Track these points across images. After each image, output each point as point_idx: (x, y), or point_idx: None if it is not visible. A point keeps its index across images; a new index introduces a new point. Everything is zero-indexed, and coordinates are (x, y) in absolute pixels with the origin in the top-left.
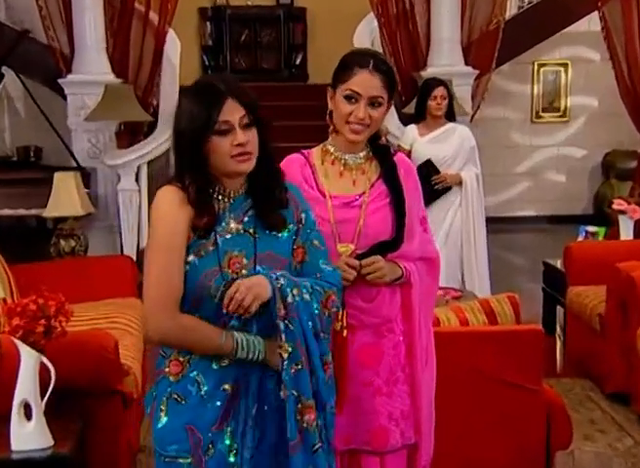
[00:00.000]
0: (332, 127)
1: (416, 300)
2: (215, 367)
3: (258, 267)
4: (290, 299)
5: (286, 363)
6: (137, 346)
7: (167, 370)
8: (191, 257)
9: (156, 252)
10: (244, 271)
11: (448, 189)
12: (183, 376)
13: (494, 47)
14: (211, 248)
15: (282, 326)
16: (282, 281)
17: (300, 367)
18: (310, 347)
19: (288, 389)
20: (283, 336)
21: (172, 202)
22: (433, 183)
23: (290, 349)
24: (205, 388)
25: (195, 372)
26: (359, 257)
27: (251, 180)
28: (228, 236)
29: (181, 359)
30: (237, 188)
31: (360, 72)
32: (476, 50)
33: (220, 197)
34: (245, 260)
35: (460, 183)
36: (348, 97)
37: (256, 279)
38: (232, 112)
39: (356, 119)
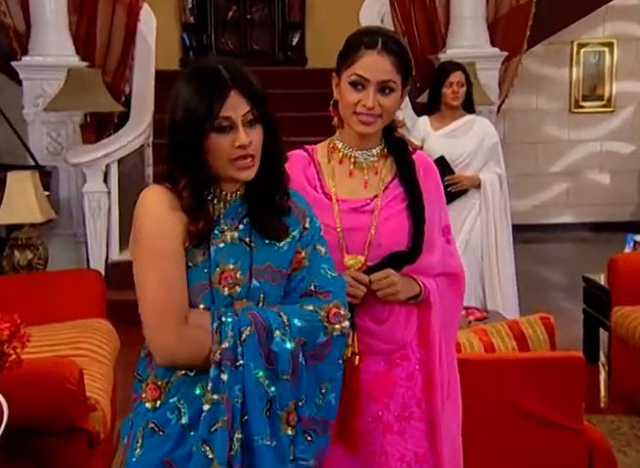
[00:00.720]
0: (336, 119)
1: (435, 323)
2: (198, 392)
3: (254, 281)
4: (227, 344)
5: (204, 416)
6: (105, 376)
7: (143, 395)
8: None
9: (150, 259)
10: (237, 288)
11: (463, 192)
12: (162, 403)
13: (525, 24)
14: (201, 258)
15: (212, 372)
16: (232, 317)
17: (218, 425)
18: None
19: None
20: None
21: (161, 203)
22: (446, 185)
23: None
24: (186, 416)
25: (175, 398)
26: (369, 271)
27: (249, 183)
28: (222, 245)
29: (159, 383)
30: (234, 191)
31: (367, 54)
32: (504, 28)
33: (215, 200)
34: (239, 275)
35: (478, 186)
36: (354, 84)
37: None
38: (235, 107)
39: (364, 108)
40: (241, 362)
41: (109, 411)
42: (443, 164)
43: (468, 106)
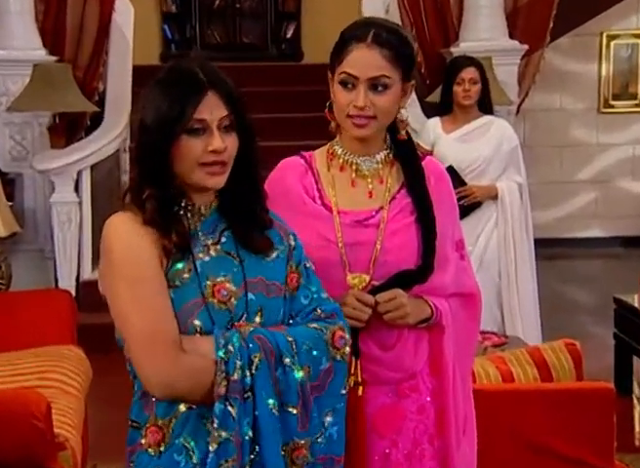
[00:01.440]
0: (333, 123)
1: (449, 349)
2: (206, 427)
3: (250, 295)
4: (236, 376)
5: (211, 457)
6: (75, 410)
7: (143, 441)
8: None
9: (126, 289)
10: (233, 300)
11: (477, 205)
12: (167, 446)
13: (548, 14)
14: (187, 275)
15: (218, 407)
16: (239, 343)
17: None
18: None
19: None
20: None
21: (130, 227)
22: (458, 198)
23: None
24: (197, 456)
25: (181, 438)
26: (375, 291)
27: (222, 195)
28: (207, 258)
29: (161, 422)
30: (207, 204)
31: (355, 48)
32: (524, 18)
33: (188, 214)
34: (233, 286)
35: (495, 197)
36: (344, 83)
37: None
38: (211, 109)
39: (356, 109)
40: (250, 393)
41: (80, 450)
42: (452, 174)
43: (485, 106)
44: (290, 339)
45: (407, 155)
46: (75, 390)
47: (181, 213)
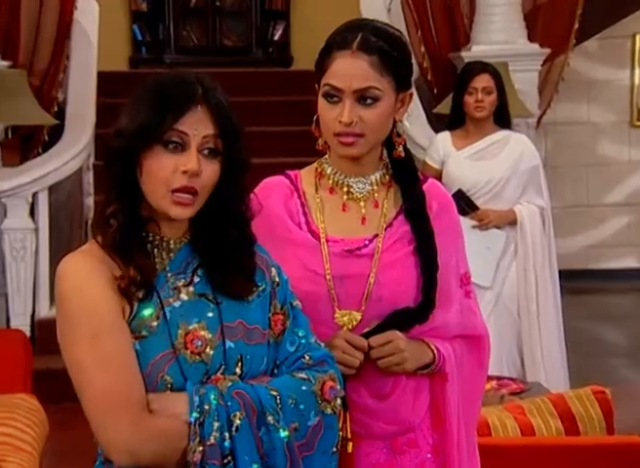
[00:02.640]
0: (321, 140)
1: (452, 399)
2: None
3: (228, 342)
4: (213, 439)
5: None
6: None
7: None
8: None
9: (83, 343)
10: (209, 350)
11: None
12: None
13: (572, 13)
14: (155, 323)
15: None
16: (217, 401)
17: None
18: None
19: None
20: None
21: (84, 277)
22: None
23: None
24: None
25: None
26: (368, 333)
27: (195, 229)
28: (178, 303)
29: None
30: (178, 236)
31: (339, 56)
32: (546, 18)
33: (155, 249)
34: (208, 334)
35: (513, 223)
36: (328, 96)
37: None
38: (197, 125)
39: (341, 126)
40: (230, 458)
41: None
42: (463, 198)
43: (501, 119)
44: (273, 393)
45: (405, 176)
46: (29, 446)
47: (148, 246)
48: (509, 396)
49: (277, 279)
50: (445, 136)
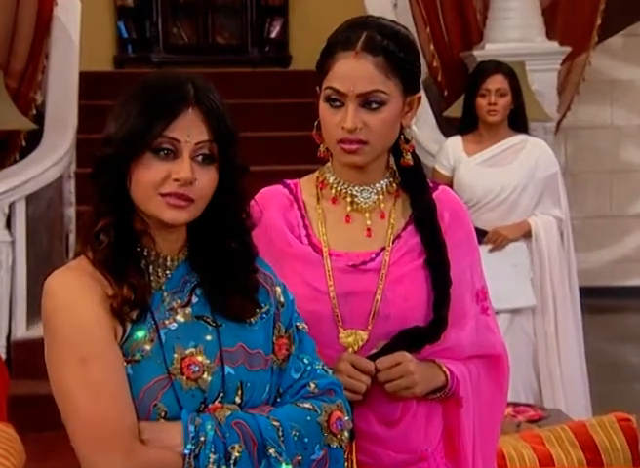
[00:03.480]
0: (322, 147)
1: (468, 426)
2: None
3: (227, 368)
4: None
5: None
6: None
7: None
8: None
9: (71, 367)
10: (207, 377)
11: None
12: None
13: (595, 8)
14: (149, 346)
15: None
16: (213, 432)
17: None
18: None
19: None
20: None
21: (72, 297)
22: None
23: None
24: None
25: None
26: (375, 355)
27: (194, 244)
28: (174, 325)
29: None
30: (175, 252)
31: (342, 57)
32: (566, 14)
33: (150, 267)
34: (206, 359)
35: (527, 235)
36: (330, 100)
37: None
38: (189, 130)
39: (344, 132)
40: None
41: None
42: None
43: (517, 123)
44: (275, 424)
45: (414, 184)
46: None
47: (142, 263)
48: (526, 424)
49: (282, 299)
50: (456, 141)
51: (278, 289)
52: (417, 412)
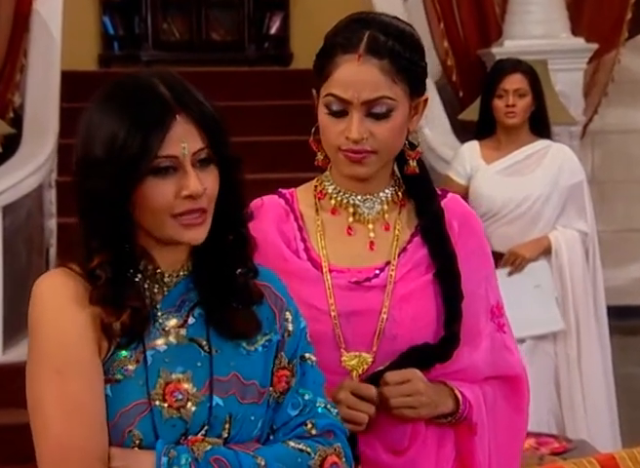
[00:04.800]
0: (320, 154)
1: (482, 454)
2: None
3: (216, 399)
4: None
5: None
6: None
7: None
8: None
9: (48, 380)
10: (190, 406)
11: None
12: None
13: (624, 3)
14: (132, 367)
15: None
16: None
17: None
18: None
19: None
20: None
21: (61, 297)
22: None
23: None
24: None
25: None
26: (381, 372)
27: (198, 256)
28: (163, 347)
29: None
30: (175, 268)
31: (344, 61)
32: (593, 8)
33: (146, 283)
34: (192, 387)
35: (548, 251)
36: (332, 108)
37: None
38: (183, 140)
39: (349, 142)
40: None
41: None
42: None
43: (539, 127)
44: (261, 464)
45: (420, 190)
46: None
47: (138, 278)
48: (550, 456)
49: (291, 327)
50: (472, 147)
51: (288, 314)
52: (426, 438)
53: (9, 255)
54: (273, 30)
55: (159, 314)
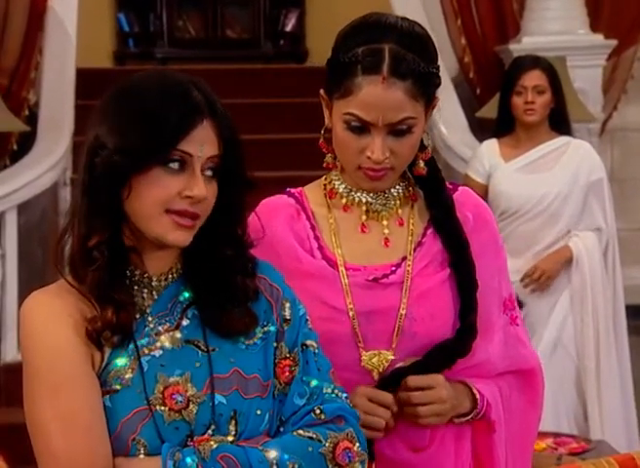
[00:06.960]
0: (329, 156)
1: (500, 450)
2: None
3: (218, 397)
4: None
5: None
6: None
7: None
8: None
9: (48, 398)
10: (192, 407)
11: None
12: None
13: None
14: (129, 375)
15: None
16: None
17: None
18: None
19: None
20: None
21: (49, 313)
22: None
23: None
24: None
25: None
26: (402, 369)
27: (189, 260)
28: (158, 352)
29: None
30: (164, 272)
31: (367, 83)
32: (612, 4)
33: (136, 286)
34: (192, 388)
35: (569, 260)
36: (352, 126)
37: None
38: (203, 144)
39: (370, 162)
40: None
41: None
42: None
43: (559, 124)
44: (270, 457)
45: (430, 184)
46: None
47: (127, 282)
48: (568, 456)
49: (288, 315)
50: (491, 145)
51: (285, 303)
52: (445, 436)
53: (24, 254)
54: (289, 27)
55: (150, 319)
